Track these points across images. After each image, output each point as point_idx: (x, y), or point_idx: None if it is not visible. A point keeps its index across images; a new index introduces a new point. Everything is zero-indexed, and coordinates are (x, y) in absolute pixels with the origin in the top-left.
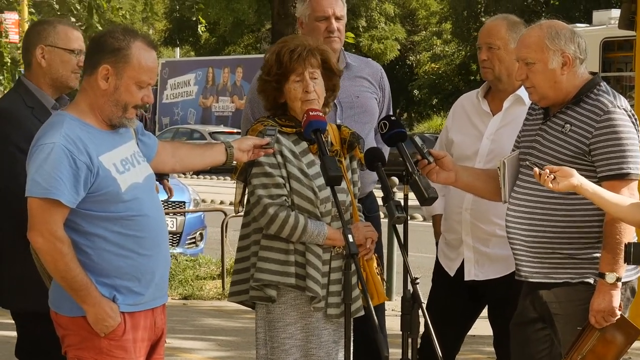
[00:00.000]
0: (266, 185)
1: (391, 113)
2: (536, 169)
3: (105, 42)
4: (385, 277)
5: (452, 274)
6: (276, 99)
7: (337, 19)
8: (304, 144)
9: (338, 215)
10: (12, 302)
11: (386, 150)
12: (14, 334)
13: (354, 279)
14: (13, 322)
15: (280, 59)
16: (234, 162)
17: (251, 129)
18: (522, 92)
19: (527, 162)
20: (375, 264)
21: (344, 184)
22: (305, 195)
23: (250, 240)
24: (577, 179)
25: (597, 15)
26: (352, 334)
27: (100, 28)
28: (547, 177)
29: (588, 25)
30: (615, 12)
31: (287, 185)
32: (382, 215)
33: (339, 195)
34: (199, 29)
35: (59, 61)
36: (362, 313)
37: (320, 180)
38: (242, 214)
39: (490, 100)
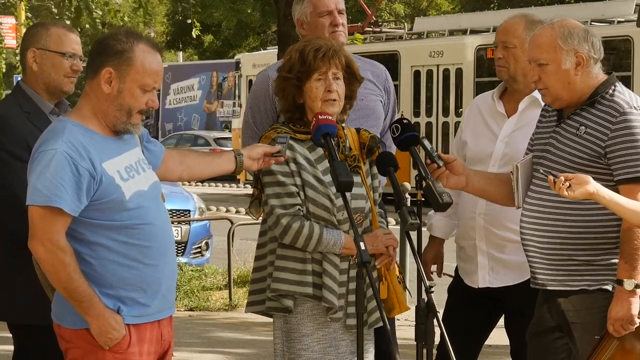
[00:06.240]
0: (279, 195)
1: (396, 116)
2: (550, 177)
3: (108, 45)
4: (407, 285)
5: (477, 285)
6: (295, 98)
7: (340, 12)
8: (320, 151)
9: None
10: (7, 315)
11: None
12: (12, 347)
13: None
14: (10, 335)
15: (304, 57)
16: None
17: (264, 137)
18: (539, 93)
19: (542, 170)
20: (397, 273)
21: (363, 190)
22: (321, 203)
23: (266, 249)
24: (593, 186)
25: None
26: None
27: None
28: (562, 185)
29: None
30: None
31: (302, 193)
32: (394, 221)
33: (357, 202)
34: (193, 32)
35: (50, 65)
36: (381, 324)
37: None
38: (251, 221)
39: (505, 101)
